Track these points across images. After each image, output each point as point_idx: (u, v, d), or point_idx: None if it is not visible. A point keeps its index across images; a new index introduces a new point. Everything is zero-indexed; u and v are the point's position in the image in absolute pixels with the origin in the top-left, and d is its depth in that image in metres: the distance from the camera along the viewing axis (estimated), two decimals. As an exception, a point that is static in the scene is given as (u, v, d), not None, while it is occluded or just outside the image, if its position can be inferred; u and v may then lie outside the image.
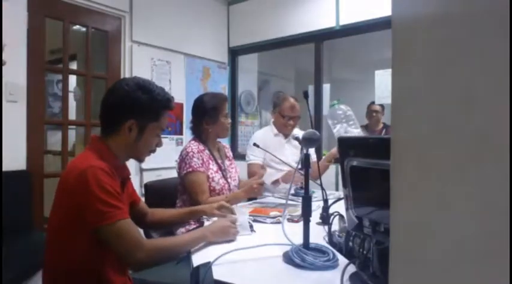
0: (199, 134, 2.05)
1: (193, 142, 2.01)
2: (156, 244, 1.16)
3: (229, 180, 2.07)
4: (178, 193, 2.04)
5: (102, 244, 1.08)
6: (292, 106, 2.45)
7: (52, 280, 1.14)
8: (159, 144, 1.32)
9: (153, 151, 1.31)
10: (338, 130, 1.71)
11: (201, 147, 1.99)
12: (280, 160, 2.12)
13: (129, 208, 1.30)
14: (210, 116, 2.00)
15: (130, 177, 1.36)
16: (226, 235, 1.27)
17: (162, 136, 1.34)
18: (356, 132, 1.70)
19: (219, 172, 2.02)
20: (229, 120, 2.08)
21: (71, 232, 1.09)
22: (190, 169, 1.89)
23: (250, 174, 2.37)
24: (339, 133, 1.69)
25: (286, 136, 2.54)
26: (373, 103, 3.74)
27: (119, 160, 1.22)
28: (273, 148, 2.30)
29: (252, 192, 1.90)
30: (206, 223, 1.67)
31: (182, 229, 1.94)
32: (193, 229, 1.90)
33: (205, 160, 1.96)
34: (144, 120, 1.21)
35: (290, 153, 2.45)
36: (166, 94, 1.28)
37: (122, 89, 1.20)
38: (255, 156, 2.41)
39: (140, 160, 1.32)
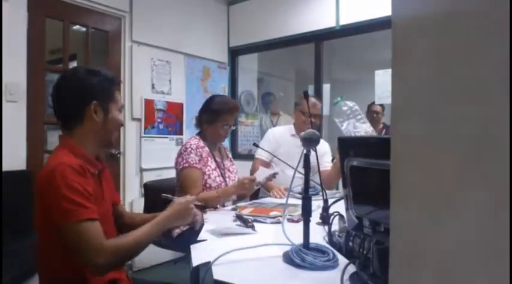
0: (201, 130, 2.09)
1: (193, 138, 2.04)
2: (117, 245, 1.08)
3: (227, 179, 2.07)
4: (176, 193, 2.05)
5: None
6: (314, 104, 2.48)
7: (46, 280, 1.14)
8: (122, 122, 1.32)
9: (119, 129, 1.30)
10: (346, 127, 1.67)
11: (201, 143, 2.01)
12: (284, 162, 2.12)
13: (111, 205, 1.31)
14: (208, 116, 2.03)
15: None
16: (185, 217, 1.26)
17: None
18: (365, 126, 1.66)
19: (217, 170, 2.03)
20: (227, 130, 2.06)
21: (47, 232, 1.08)
22: (187, 165, 1.92)
23: (252, 168, 2.46)
24: (347, 130, 1.65)
25: None
26: (373, 103, 3.73)
27: (89, 153, 1.20)
28: (285, 148, 2.34)
29: (243, 188, 1.90)
30: (205, 216, 1.67)
31: (177, 230, 1.95)
32: (187, 229, 1.90)
33: (204, 156, 1.98)
34: (104, 101, 1.21)
35: None
36: (111, 72, 1.29)
37: (72, 78, 1.20)
38: (262, 152, 2.43)
39: (110, 144, 1.30)
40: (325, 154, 2.53)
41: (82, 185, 1.05)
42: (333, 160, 2.54)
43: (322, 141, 2.55)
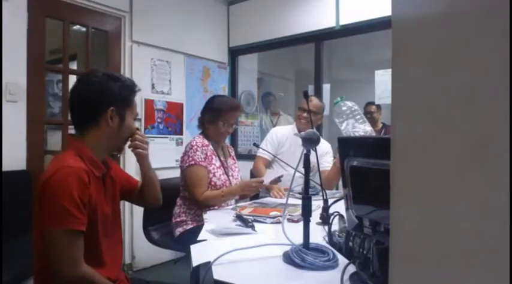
0: (203, 129, 2.10)
1: (198, 137, 2.05)
2: (91, 275, 1.07)
3: (231, 178, 2.08)
4: (180, 192, 2.05)
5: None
6: (309, 100, 2.47)
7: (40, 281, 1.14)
8: (136, 130, 1.32)
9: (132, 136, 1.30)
10: (345, 127, 1.66)
11: (206, 142, 2.02)
12: (285, 163, 2.12)
13: (128, 195, 1.40)
14: (210, 115, 2.04)
15: (132, 176, 1.35)
16: None
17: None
18: (363, 126, 1.65)
19: (221, 168, 2.04)
20: (229, 130, 2.07)
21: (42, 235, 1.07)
22: (193, 162, 1.92)
23: (254, 167, 2.48)
24: (347, 130, 1.65)
25: None
26: (368, 104, 3.75)
27: (97, 156, 1.20)
28: (288, 147, 2.37)
29: (250, 189, 1.90)
30: (205, 216, 1.68)
31: (180, 229, 1.95)
32: (191, 228, 1.90)
33: (208, 154, 1.98)
34: (121, 107, 1.21)
35: None
36: (130, 79, 1.30)
37: (92, 81, 1.19)
38: (264, 151, 2.43)
39: (120, 150, 1.33)
40: (326, 154, 2.53)
41: (79, 193, 1.04)
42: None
43: (323, 141, 2.55)
